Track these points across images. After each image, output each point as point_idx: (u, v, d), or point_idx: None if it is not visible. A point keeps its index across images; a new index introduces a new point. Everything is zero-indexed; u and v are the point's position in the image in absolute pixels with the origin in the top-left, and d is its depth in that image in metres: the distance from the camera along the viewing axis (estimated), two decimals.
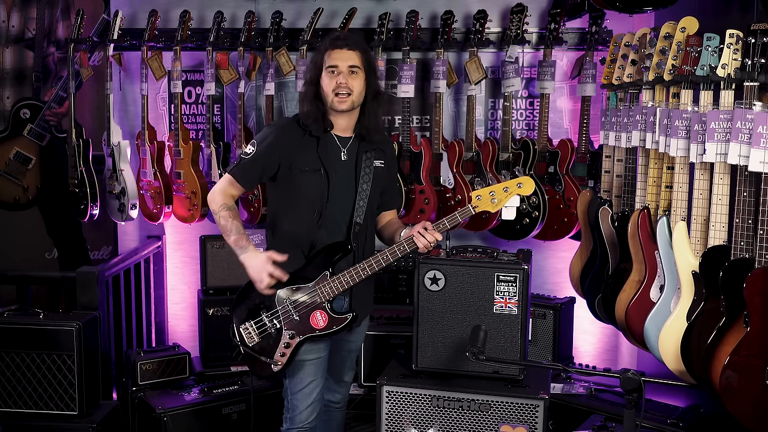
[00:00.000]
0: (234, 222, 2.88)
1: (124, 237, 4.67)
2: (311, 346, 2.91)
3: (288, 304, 2.88)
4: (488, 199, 2.83)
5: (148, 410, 3.61)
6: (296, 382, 2.94)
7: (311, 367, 2.93)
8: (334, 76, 2.82)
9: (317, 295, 2.86)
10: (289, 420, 2.98)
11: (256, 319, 2.92)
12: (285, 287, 2.88)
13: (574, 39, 4.06)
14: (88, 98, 5.12)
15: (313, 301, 2.87)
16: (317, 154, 2.88)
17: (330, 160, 2.89)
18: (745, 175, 2.37)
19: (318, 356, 2.94)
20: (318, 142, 2.89)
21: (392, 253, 2.83)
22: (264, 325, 2.91)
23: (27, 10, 4.84)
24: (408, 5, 4.13)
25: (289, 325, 2.88)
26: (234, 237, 2.87)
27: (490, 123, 4.32)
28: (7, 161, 4.65)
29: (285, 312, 2.88)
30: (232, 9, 4.35)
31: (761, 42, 2.30)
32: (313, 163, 2.87)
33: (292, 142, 2.89)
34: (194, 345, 4.28)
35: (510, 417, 2.99)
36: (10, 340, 3.39)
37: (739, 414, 2.36)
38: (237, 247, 2.87)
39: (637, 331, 2.92)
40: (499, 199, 2.83)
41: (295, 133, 2.90)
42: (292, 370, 2.94)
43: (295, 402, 2.95)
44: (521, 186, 2.83)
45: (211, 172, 4.23)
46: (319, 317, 2.87)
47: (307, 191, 2.88)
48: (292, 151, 2.88)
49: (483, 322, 3.02)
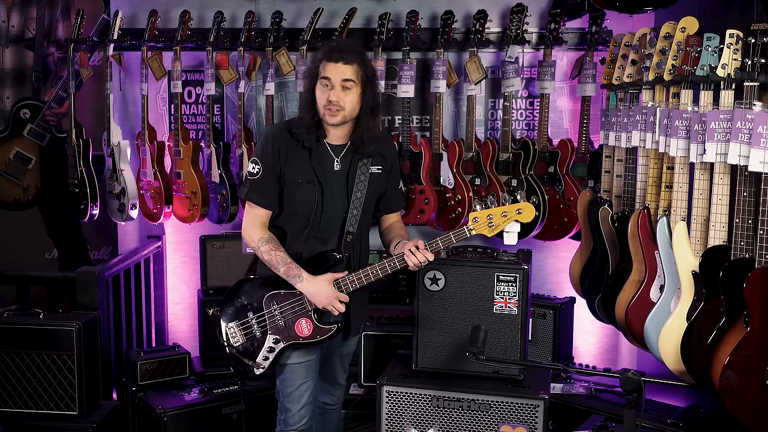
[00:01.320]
0: (277, 253, 2.80)
1: (124, 237, 4.67)
2: (302, 350, 2.89)
3: (275, 309, 2.87)
4: (485, 222, 2.76)
5: (148, 410, 3.61)
6: (287, 385, 2.92)
7: (301, 369, 2.91)
8: (326, 90, 2.75)
9: (304, 303, 2.84)
10: (282, 422, 2.96)
11: (242, 320, 2.91)
12: (273, 292, 2.87)
13: (574, 39, 4.06)
14: (88, 98, 5.12)
15: (300, 309, 2.85)
16: (310, 164, 2.83)
17: (323, 170, 2.84)
18: (745, 175, 2.37)
19: (308, 359, 2.92)
20: (310, 153, 2.84)
21: (382, 268, 2.79)
22: (250, 327, 2.89)
23: (27, 10, 4.84)
24: (408, 5, 4.13)
25: (274, 330, 2.86)
26: (283, 269, 2.79)
27: (490, 123, 4.32)
28: (7, 161, 4.65)
29: (271, 317, 2.87)
30: (232, 9, 4.35)
31: (761, 42, 2.30)
32: (306, 174, 2.83)
33: (284, 151, 2.83)
34: (194, 345, 4.28)
35: (510, 417, 2.99)
36: (10, 340, 3.39)
37: (739, 414, 2.36)
38: (289, 277, 2.80)
39: (637, 331, 2.92)
40: (497, 224, 2.76)
41: (287, 142, 2.84)
42: (283, 373, 2.92)
43: (287, 404, 2.93)
44: (521, 212, 2.75)
45: (211, 172, 4.23)
46: (304, 325, 2.85)
47: (300, 202, 2.84)
48: (285, 160, 2.84)
49: (483, 322, 3.02)
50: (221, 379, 3.92)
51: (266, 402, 3.70)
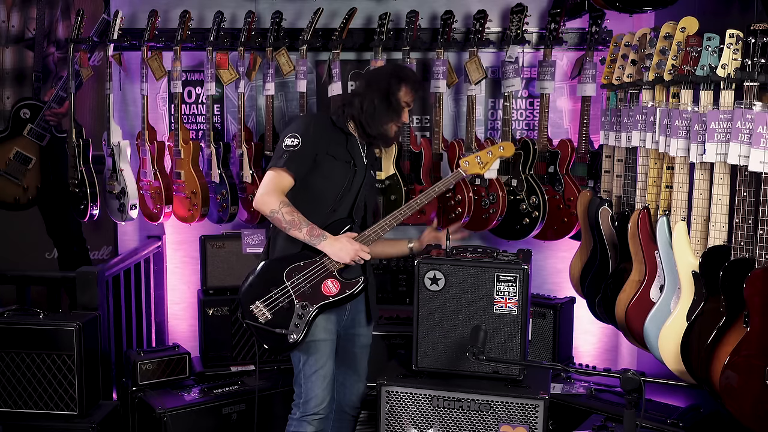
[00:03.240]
0: (299, 215, 2.94)
1: (124, 237, 4.67)
2: (324, 324, 2.99)
3: (297, 279, 2.97)
4: (475, 163, 3.19)
5: (148, 410, 3.61)
6: (311, 363, 3.00)
7: (326, 347, 3.02)
8: (404, 114, 3.11)
9: (326, 265, 2.98)
10: (302, 405, 3.02)
11: (266, 296, 3.00)
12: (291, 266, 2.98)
13: (574, 39, 4.06)
14: (88, 98, 5.12)
15: (324, 272, 2.97)
16: (346, 149, 3.09)
17: (356, 156, 3.12)
18: (745, 175, 2.37)
19: (331, 338, 3.04)
20: (347, 139, 3.11)
21: (393, 218, 3.05)
22: (274, 300, 2.99)
23: (27, 10, 4.84)
24: (408, 5, 4.13)
25: (301, 297, 2.97)
26: (306, 228, 2.93)
27: (490, 123, 4.32)
28: (7, 161, 4.65)
29: (295, 286, 2.97)
30: (232, 9, 4.35)
31: (761, 42, 2.30)
32: (343, 155, 3.07)
33: (326, 132, 3.07)
34: (194, 345, 4.28)
35: (510, 417, 2.99)
36: (10, 340, 3.39)
37: (738, 414, 2.36)
38: (313, 237, 2.94)
39: (637, 331, 2.92)
40: (485, 161, 3.20)
41: (328, 125, 3.11)
42: (308, 351, 3.00)
43: (310, 384, 2.99)
44: (503, 149, 3.24)
45: (211, 172, 4.23)
46: (330, 285, 2.98)
47: (332, 179, 3.04)
48: (327, 141, 3.05)
49: (483, 322, 3.02)
50: (221, 379, 3.92)
51: (267, 402, 3.70)
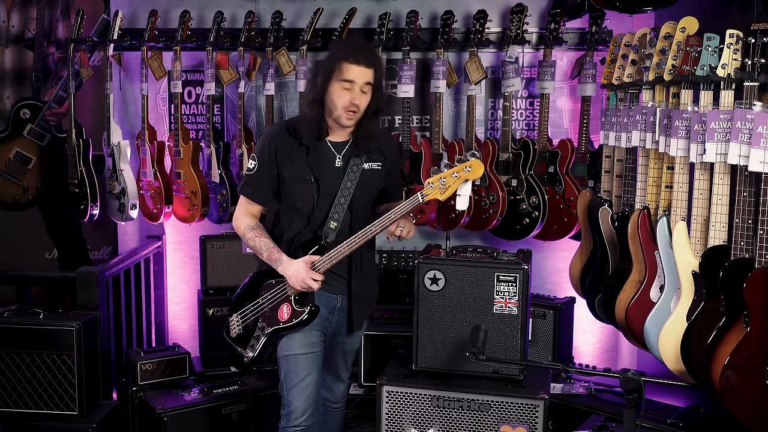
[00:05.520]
0: (261, 239, 2.90)
1: (124, 237, 4.67)
2: (303, 339, 2.91)
3: (264, 297, 2.95)
4: (437, 186, 2.68)
5: (148, 410, 3.60)
6: (291, 377, 2.94)
7: (306, 361, 2.93)
8: (347, 92, 2.77)
9: (286, 288, 2.90)
10: (285, 416, 2.97)
11: (241, 310, 3.01)
12: (267, 281, 2.95)
13: (574, 39, 4.06)
14: (88, 98, 5.12)
15: (283, 295, 2.91)
16: (307, 161, 2.86)
17: (321, 167, 2.87)
18: (745, 175, 2.37)
19: (312, 351, 2.94)
20: (308, 150, 2.87)
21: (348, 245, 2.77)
22: (246, 315, 2.99)
23: (27, 10, 4.84)
24: (408, 5, 4.13)
25: (263, 317, 2.95)
26: (266, 254, 2.88)
27: (490, 123, 4.32)
28: (7, 161, 4.65)
29: (261, 304, 2.96)
30: (232, 9, 4.35)
31: (761, 42, 2.30)
32: (302, 171, 2.86)
33: (283, 149, 2.87)
34: (194, 345, 4.28)
35: (510, 417, 2.99)
36: (10, 340, 3.39)
37: (739, 414, 2.36)
38: (271, 261, 2.88)
39: (637, 331, 2.92)
40: (448, 185, 2.66)
41: (285, 140, 2.88)
42: (287, 365, 2.94)
43: (290, 398, 2.94)
44: (470, 170, 2.63)
45: (211, 172, 4.23)
46: (284, 310, 2.91)
47: (298, 199, 2.88)
48: (283, 158, 2.88)
49: (483, 322, 3.02)
50: (221, 379, 3.92)
51: (266, 402, 3.70)
